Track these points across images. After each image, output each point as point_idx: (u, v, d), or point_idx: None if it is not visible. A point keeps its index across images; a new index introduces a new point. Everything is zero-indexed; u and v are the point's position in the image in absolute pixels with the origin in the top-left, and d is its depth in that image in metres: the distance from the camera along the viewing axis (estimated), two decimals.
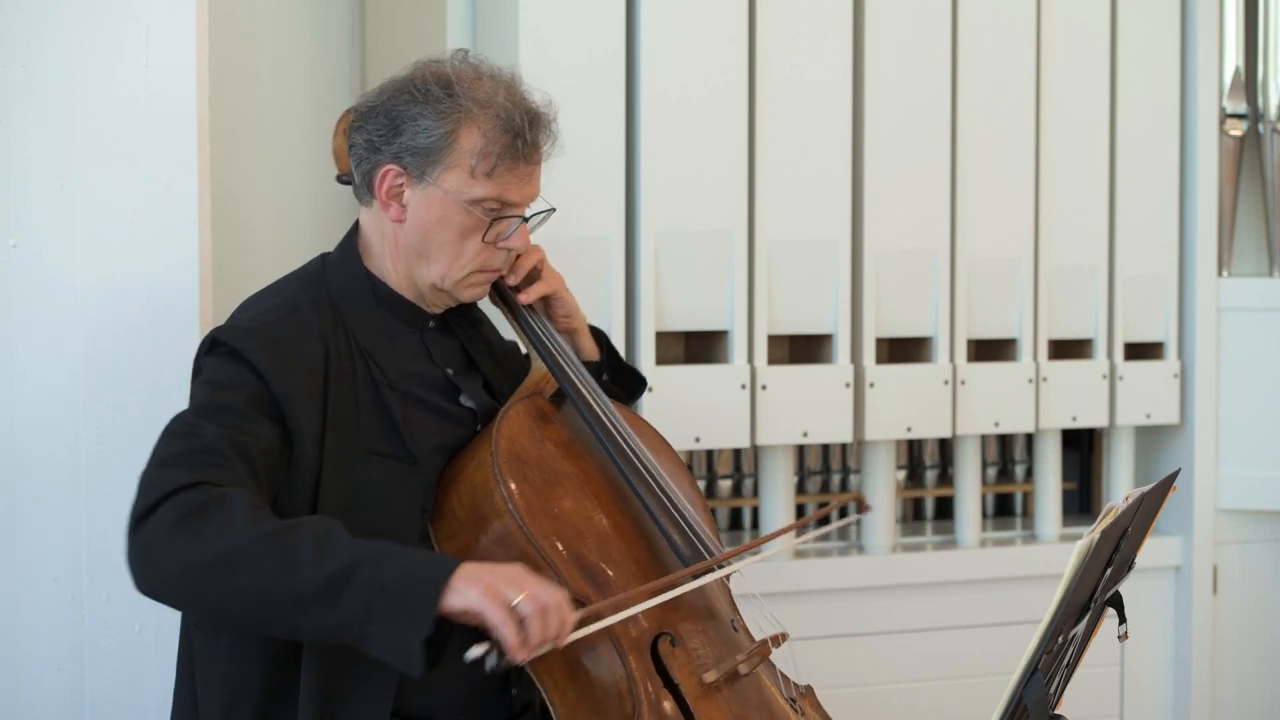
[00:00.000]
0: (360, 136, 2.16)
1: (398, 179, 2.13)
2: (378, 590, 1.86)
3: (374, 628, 1.86)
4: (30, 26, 2.36)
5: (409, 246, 2.16)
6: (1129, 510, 1.84)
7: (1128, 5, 3.59)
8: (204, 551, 1.87)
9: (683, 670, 2.06)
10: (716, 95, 3.15)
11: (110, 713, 2.43)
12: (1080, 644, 1.95)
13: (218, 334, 2.09)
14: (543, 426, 2.20)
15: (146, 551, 1.89)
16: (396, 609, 1.86)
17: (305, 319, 2.12)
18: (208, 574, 1.87)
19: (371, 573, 1.87)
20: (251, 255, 3.35)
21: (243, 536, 1.87)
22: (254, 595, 1.87)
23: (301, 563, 1.87)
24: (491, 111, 2.11)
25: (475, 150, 2.10)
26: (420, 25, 3.26)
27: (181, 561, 1.87)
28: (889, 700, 3.40)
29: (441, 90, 2.11)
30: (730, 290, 3.16)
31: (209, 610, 1.96)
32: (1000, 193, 3.45)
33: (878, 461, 3.43)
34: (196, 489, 1.90)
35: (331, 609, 1.86)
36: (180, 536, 1.87)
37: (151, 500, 1.90)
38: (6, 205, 2.36)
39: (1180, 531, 3.71)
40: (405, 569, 1.89)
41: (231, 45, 3.33)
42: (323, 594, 1.86)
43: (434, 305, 2.23)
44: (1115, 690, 3.65)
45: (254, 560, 1.86)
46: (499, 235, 2.16)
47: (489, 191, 2.12)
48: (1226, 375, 3.70)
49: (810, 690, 2.30)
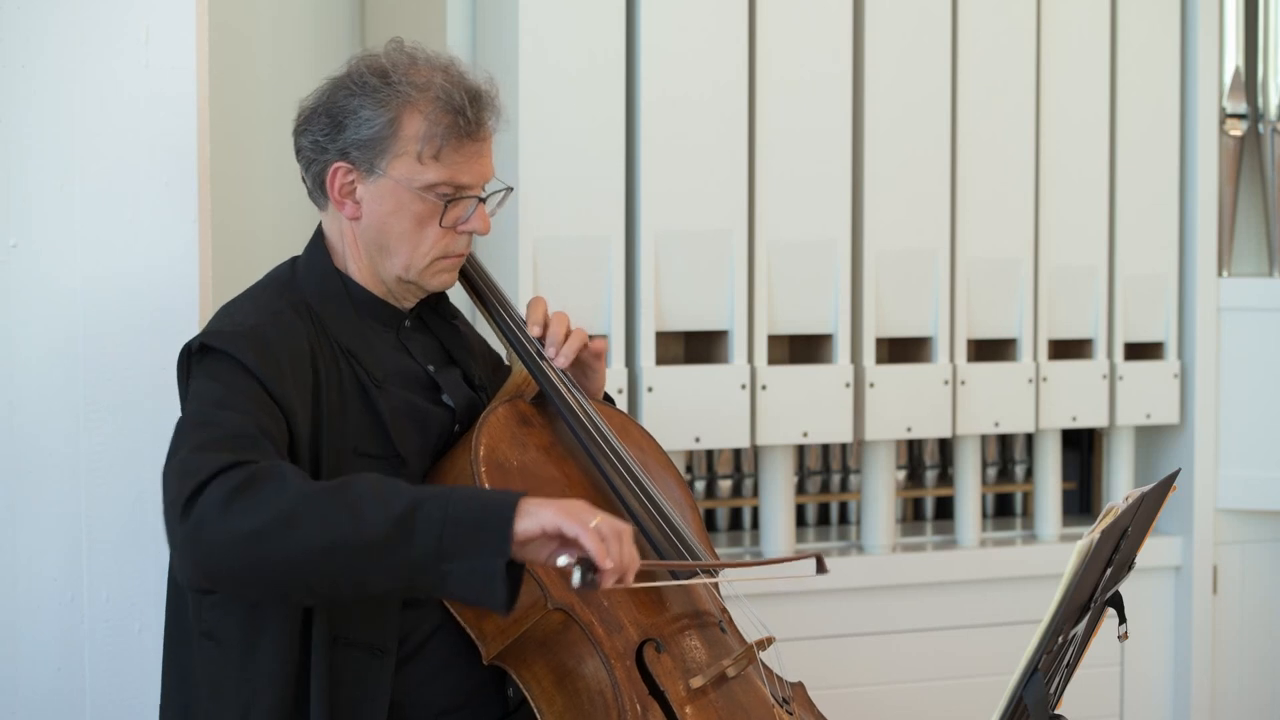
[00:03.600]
0: (306, 140, 2.15)
1: (348, 175, 2.13)
2: (448, 523, 1.83)
3: (451, 564, 1.83)
4: (30, 26, 2.36)
5: (369, 242, 2.15)
6: (1129, 510, 1.84)
7: (1128, 5, 3.59)
8: (261, 517, 1.83)
9: (668, 677, 2.05)
10: (716, 95, 3.15)
11: (110, 713, 2.43)
12: (1080, 644, 1.95)
13: (206, 340, 2.06)
14: (524, 430, 2.18)
15: (199, 531, 1.84)
16: (471, 539, 1.83)
17: (289, 322, 2.10)
18: (268, 539, 1.82)
19: (438, 507, 1.84)
20: (251, 255, 3.34)
21: (298, 497, 1.84)
22: (320, 552, 1.83)
23: (364, 511, 1.84)
24: (430, 94, 2.10)
25: (419, 135, 2.09)
26: (420, 25, 3.26)
27: (239, 531, 1.83)
28: (889, 700, 3.40)
29: (378, 80, 2.10)
30: (730, 290, 3.16)
31: (272, 579, 1.88)
32: (1000, 193, 3.45)
33: (878, 461, 3.43)
34: (239, 467, 1.87)
35: (403, 549, 1.83)
36: (234, 508, 1.83)
37: (195, 482, 1.86)
38: (6, 205, 2.36)
39: (1180, 531, 3.71)
40: (470, 499, 1.87)
41: (231, 46, 3.33)
42: (392, 536, 1.82)
43: (404, 299, 2.22)
44: (1115, 690, 3.65)
45: (315, 517, 1.83)
46: (457, 220, 2.14)
47: (439, 175, 2.11)
48: (1226, 375, 3.70)
49: (801, 687, 2.29)
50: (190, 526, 1.84)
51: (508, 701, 2.18)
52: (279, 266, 2.25)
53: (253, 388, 2.00)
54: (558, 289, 3.01)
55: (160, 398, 2.43)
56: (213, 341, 2.05)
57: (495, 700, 2.17)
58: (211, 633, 2.06)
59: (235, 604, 2.03)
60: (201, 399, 2.01)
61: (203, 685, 2.09)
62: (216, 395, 1.99)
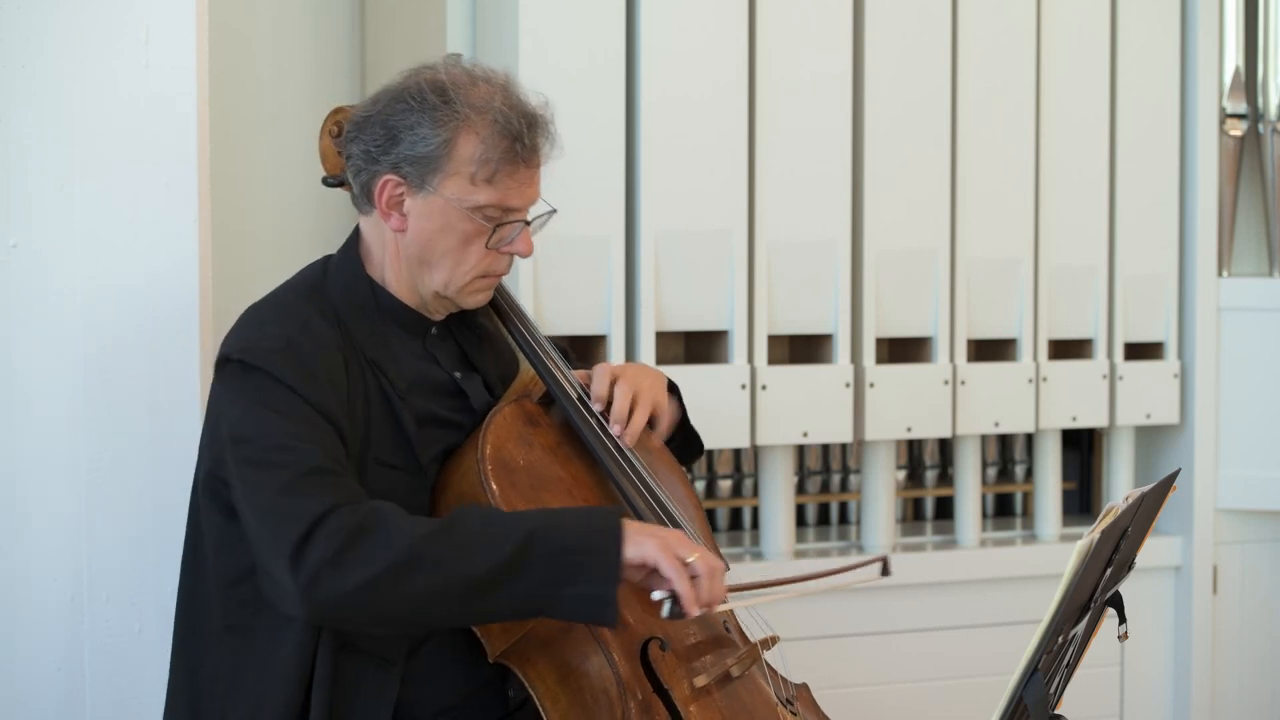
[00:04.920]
0: (357, 147, 2.14)
1: (397, 189, 2.12)
2: (559, 551, 1.93)
3: (565, 590, 1.92)
4: (30, 26, 2.36)
5: (411, 255, 2.15)
6: (1129, 510, 1.84)
7: (1128, 5, 3.59)
8: (377, 566, 1.90)
9: (672, 675, 2.05)
10: (716, 95, 3.15)
11: (110, 713, 2.43)
12: (1080, 644, 1.95)
13: (244, 356, 2.05)
14: (531, 430, 2.18)
15: (316, 587, 1.90)
16: (583, 566, 1.93)
17: (320, 332, 2.10)
18: (387, 587, 1.90)
19: (547, 537, 1.94)
20: (251, 256, 3.35)
21: (409, 541, 1.92)
22: (438, 592, 1.92)
23: (478, 547, 1.92)
24: (489, 117, 2.09)
25: (475, 157, 2.08)
26: (420, 26, 3.25)
27: (357, 581, 1.90)
28: (889, 700, 3.40)
29: (437, 97, 2.09)
30: (730, 290, 3.16)
31: (393, 620, 1.98)
32: (1000, 193, 3.45)
33: (878, 461, 3.43)
34: (337, 512, 1.92)
35: (519, 581, 1.92)
36: (347, 560, 1.90)
37: (298, 531, 1.91)
38: (6, 205, 2.36)
39: (1180, 531, 3.71)
40: (577, 526, 1.97)
41: (231, 46, 3.33)
42: (509, 570, 1.91)
43: (436, 312, 2.22)
44: (1115, 690, 3.65)
45: (430, 559, 1.91)
46: (502, 240, 2.14)
47: (490, 198, 2.10)
48: (1226, 375, 3.70)
49: (805, 688, 2.29)
50: (305, 580, 1.90)
51: (508, 701, 2.18)
52: (311, 266, 2.24)
53: (303, 409, 2.01)
54: (558, 289, 3.01)
55: (160, 397, 2.43)
56: (250, 359, 2.04)
57: (496, 700, 2.17)
58: (237, 627, 2.07)
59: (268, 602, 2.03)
60: (260, 430, 2.00)
61: (217, 680, 2.08)
62: (276, 427, 2.00)
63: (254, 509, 1.96)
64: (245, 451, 1.99)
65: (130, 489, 2.42)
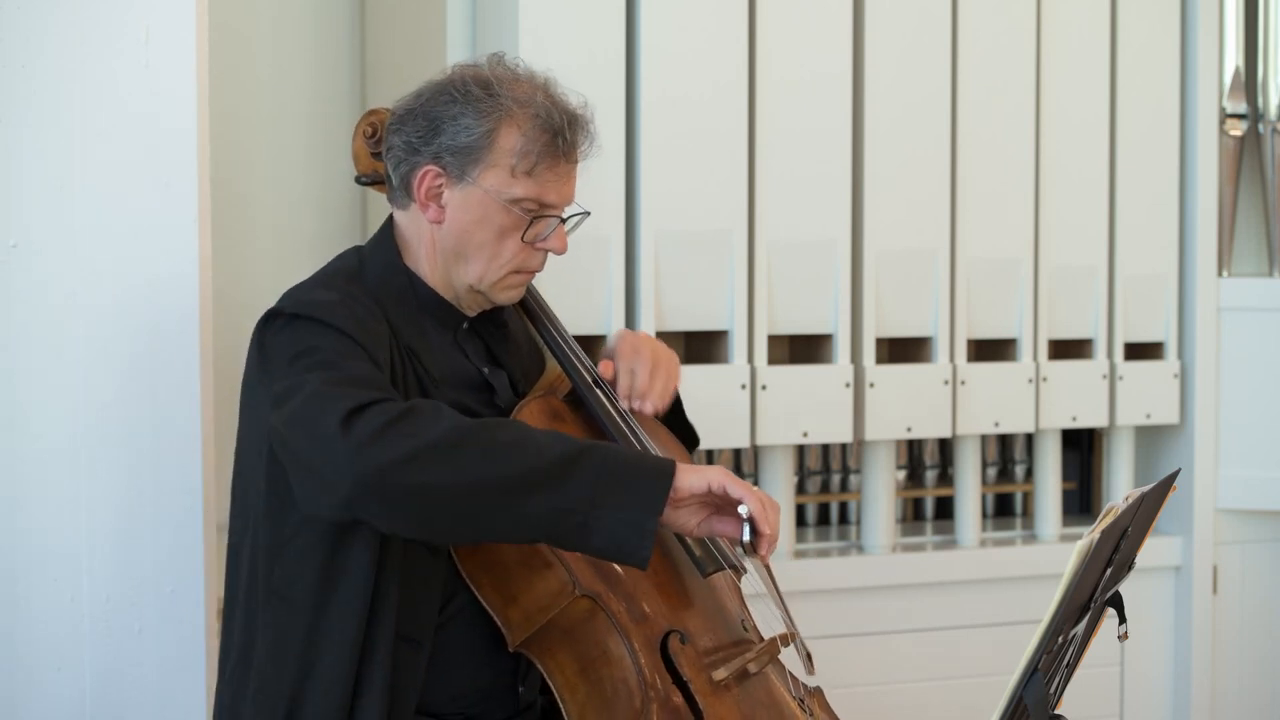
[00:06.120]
0: (398, 139, 2.16)
1: (437, 179, 2.14)
2: (609, 471, 1.90)
3: (602, 511, 1.89)
4: (30, 27, 2.36)
5: (447, 247, 2.16)
6: (1129, 510, 1.84)
7: (1128, 5, 3.59)
8: (424, 439, 1.87)
9: (692, 667, 2.06)
10: (716, 95, 3.15)
11: (110, 713, 2.43)
12: (1080, 644, 1.95)
13: (295, 308, 2.05)
14: (555, 425, 2.19)
15: (363, 449, 1.86)
16: (630, 490, 1.90)
17: (370, 308, 2.11)
18: (432, 461, 1.87)
19: (602, 457, 1.92)
20: (251, 256, 3.35)
21: (460, 426, 1.91)
22: (480, 479, 1.88)
23: (526, 444, 1.91)
24: (531, 110, 2.12)
25: (515, 149, 2.11)
26: (420, 26, 3.26)
27: (406, 449, 1.87)
28: (889, 700, 3.40)
29: (481, 90, 2.12)
30: (730, 290, 3.16)
31: (424, 504, 1.90)
32: (1000, 193, 3.45)
33: (878, 461, 3.43)
34: (389, 402, 1.91)
35: (557, 491, 1.89)
36: (395, 429, 1.87)
37: (350, 405, 1.88)
38: (6, 205, 2.36)
39: (1180, 531, 3.71)
40: (636, 455, 1.97)
41: (232, 46, 3.33)
42: (550, 474, 1.89)
43: (469, 307, 2.23)
44: (1115, 690, 3.65)
45: (478, 446, 1.89)
46: (538, 235, 2.16)
47: (528, 191, 2.13)
48: (1226, 375, 3.70)
49: (819, 691, 2.30)
50: (353, 443, 1.87)
51: (518, 700, 2.18)
52: (343, 256, 2.25)
53: (359, 353, 2.01)
54: (558, 289, 3.01)
55: (160, 397, 2.43)
56: (302, 310, 2.05)
57: (508, 697, 2.18)
58: (281, 591, 2.06)
59: (309, 562, 2.03)
60: (315, 354, 2.00)
61: (264, 647, 2.07)
62: (331, 347, 2.00)
63: (303, 398, 1.93)
64: (298, 364, 1.98)
65: (130, 489, 2.42)
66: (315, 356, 1.99)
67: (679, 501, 1.95)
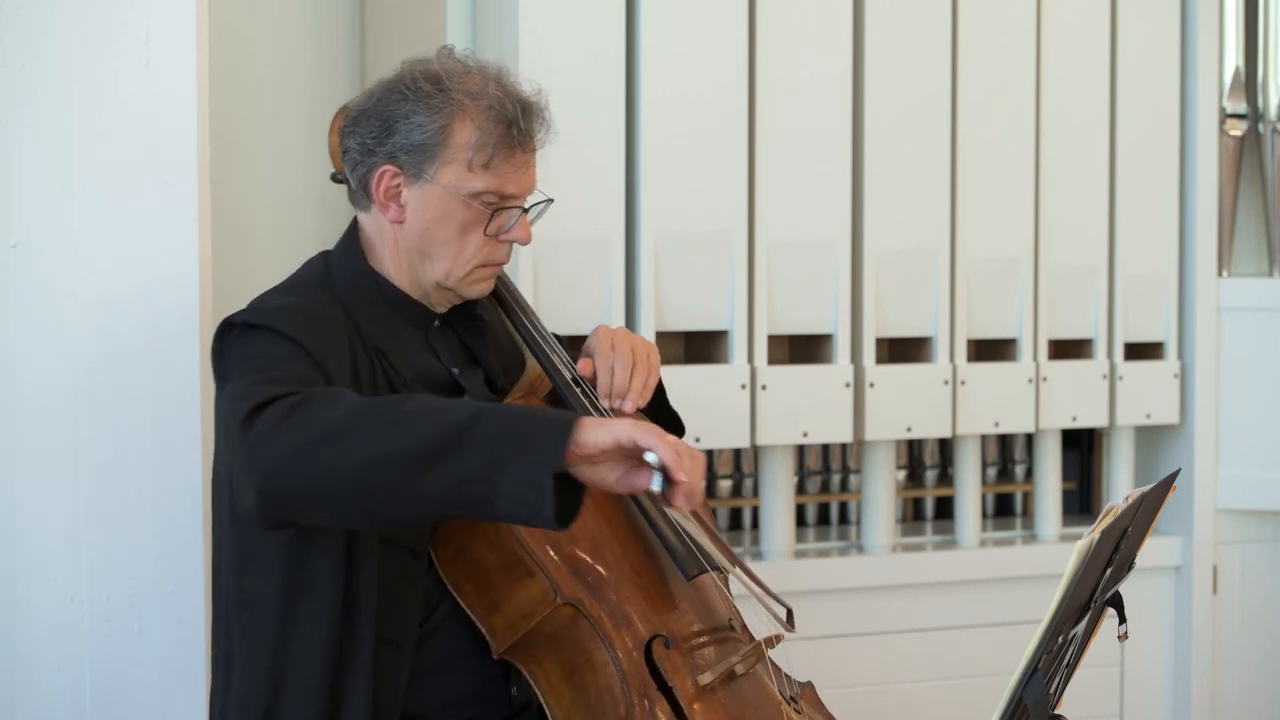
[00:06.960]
0: (353, 141, 2.16)
1: (394, 179, 2.13)
2: (500, 435, 1.82)
3: (505, 474, 1.80)
4: (30, 26, 2.36)
5: (410, 246, 2.16)
6: (1129, 510, 1.84)
7: (1128, 5, 3.59)
8: (315, 429, 1.84)
9: (677, 673, 2.05)
10: (716, 95, 3.15)
11: (110, 713, 2.43)
12: (1080, 644, 1.95)
13: (249, 318, 2.05)
14: None
15: (257, 447, 1.85)
16: (524, 448, 1.81)
17: (330, 313, 2.11)
18: (322, 449, 1.83)
19: (495, 418, 1.84)
20: (251, 255, 3.35)
21: (353, 408, 1.86)
22: (372, 461, 1.82)
23: (417, 420, 1.84)
24: (484, 102, 2.10)
25: (471, 143, 2.10)
26: (420, 25, 3.26)
27: (294, 443, 1.84)
28: (889, 700, 3.40)
29: (432, 86, 2.11)
30: (730, 290, 3.16)
31: (328, 493, 1.86)
32: (1000, 193, 3.45)
33: (878, 461, 3.43)
34: (292, 395, 1.89)
35: (457, 458, 1.81)
36: (290, 421, 1.85)
37: (253, 403, 1.87)
38: (6, 205, 2.36)
39: (1180, 531, 3.71)
40: (532, 414, 1.87)
41: (232, 46, 3.33)
42: (445, 445, 1.82)
43: (439, 304, 2.22)
44: (1115, 690, 3.65)
45: (368, 426, 1.84)
46: (500, 228, 2.15)
47: (487, 184, 2.12)
48: (1226, 375, 3.70)
49: (810, 687, 2.29)
50: (249, 443, 1.86)
51: (512, 701, 2.18)
52: (310, 262, 2.25)
53: (304, 356, 2.00)
54: (557, 289, 3.01)
55: (161, 397, 2.43)
56: (256, 319, 2.05)
57: (501, 699, 2.17)
58: (249, 603, 2.06)
59: (272, 575, 2.03)
60: (258, 359, 2.00)
61: (239, 658, 2.08)
62: (274, 353, 1.99)
63: (226, 401, 1.95)
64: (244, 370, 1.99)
65: (130, 489, 2.42)
66: (258, 362, 1.99)
67: (592, 458, 1.84)
